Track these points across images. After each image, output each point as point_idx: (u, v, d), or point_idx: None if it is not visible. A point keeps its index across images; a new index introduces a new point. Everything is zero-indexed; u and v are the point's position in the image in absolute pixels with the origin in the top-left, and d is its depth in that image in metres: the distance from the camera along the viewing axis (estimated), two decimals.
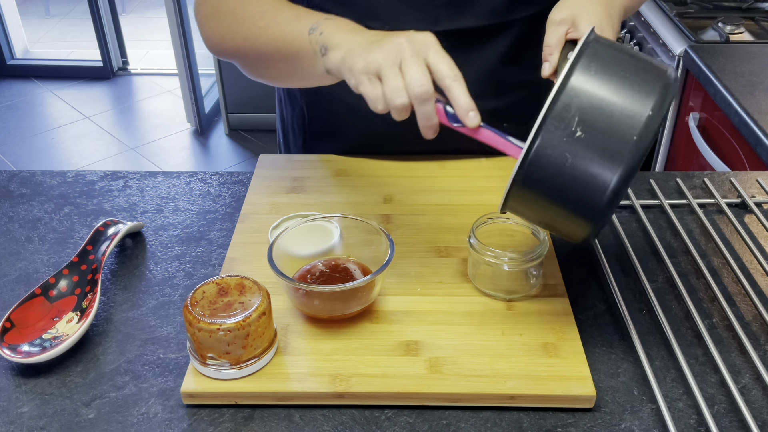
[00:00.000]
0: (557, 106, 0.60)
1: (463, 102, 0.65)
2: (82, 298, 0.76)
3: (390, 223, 0.89)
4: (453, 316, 0.75)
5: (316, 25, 0.74)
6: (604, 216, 0.61)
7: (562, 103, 0.59)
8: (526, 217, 0.68)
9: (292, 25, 0.77)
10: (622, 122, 0.59)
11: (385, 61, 0.65)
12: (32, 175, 1.01)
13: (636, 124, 0.59)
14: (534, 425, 0.65)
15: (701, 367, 0.71)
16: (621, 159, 0.58)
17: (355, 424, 0.65)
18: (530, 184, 0.62)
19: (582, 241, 0.65)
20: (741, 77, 1.52)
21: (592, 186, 0.60)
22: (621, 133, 0.59)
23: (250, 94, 3.06)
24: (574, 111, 0.59)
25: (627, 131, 0.59)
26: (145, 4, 4.71)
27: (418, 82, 0.64)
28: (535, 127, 0.60)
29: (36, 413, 0.66)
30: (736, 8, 1.89)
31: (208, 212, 0.94)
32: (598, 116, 0.59)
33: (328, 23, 0.74)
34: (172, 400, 0.68)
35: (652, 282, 0.81)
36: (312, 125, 1.05)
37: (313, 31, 0.74)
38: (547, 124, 0.59)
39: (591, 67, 0.61)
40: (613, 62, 0.62)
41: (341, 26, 0.73)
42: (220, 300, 0.67)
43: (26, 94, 3.56)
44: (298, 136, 1.08)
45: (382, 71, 0.65)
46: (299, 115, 1.06)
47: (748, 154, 1.43)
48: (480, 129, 0.67)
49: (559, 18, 0.75)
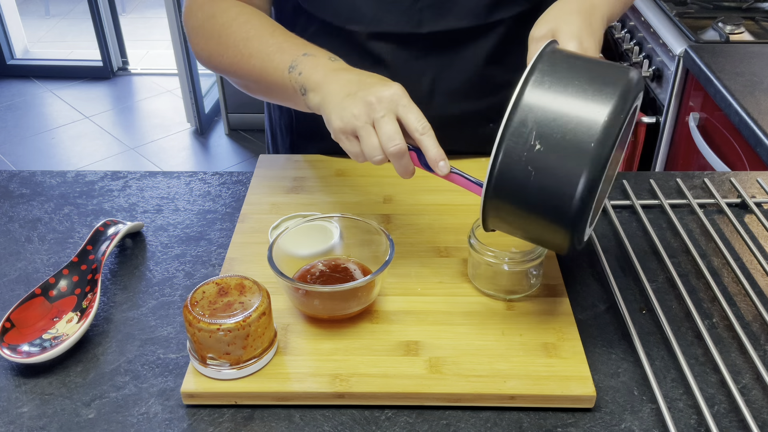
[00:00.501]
0: (513, 122, 0.61)
1: (432, 154, 0.69)
2: (82, 298, 0.76)
3: (390, 223, 0.89)
4: (453, 316, 0.75)
5: (295, 63, 0.78)
6: (578, 224, 0.62)
7: (518, 119, 0.61)
8: (511, 232, 0.69)
9: (273, 59, 0.80)
10: (579, 131, 0.60)
11: (358, 122, 0.70)
12: (32, 175, 1.01)
13: (593, 132, 0.59)
14: (534, 425, 0.65)
15: (701, 367, 0.71)
16: (581, 167, 0.59)
17: (355, 424, 0.65)
18: (501, 199, 0.64)
19: (568, 251, 0.66)
20: (741, 77, 1.51)
21: (559, 196, 0.61)
22: (578, 141, 0.60)
23: None
24: (530, 125, 0.61)
25: (584, 139, 0.59)
26: (145, 4, 4.71)
27: (392, 142, 0.68)
28: (495, 144, 0.61)
29: (36, 413, 0.66)
30: (736, 8, 1.89)
31: (208, 212, 0.94)
32: (555, 128, 0.60)
33: (307, 62, 0.77)
34: (172, 400, 0.68)
35: (652, 282, 0.81)
36: (298, 126, 1.05)
37: (292, 70, 0.78)
38: (506, 140, 0.61)
39: (545, 80, 0.62)
40: (569, 72, 0.63)
41: (319, 66, 0.76)
42: (220, 300, 0.67)
43: (26, 94, 3.56)
44: (285, 137, 1.08)
45: (358, 131, 0.70)
46: (286, 116, 1.06)
47: (748, 154, 1.43)
48: (451, 174, 0.71)
49: (539, 34, 0.75)
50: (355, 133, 0.71)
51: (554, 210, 0.62)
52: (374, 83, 0.72)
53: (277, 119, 1.09)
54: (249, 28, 0.83)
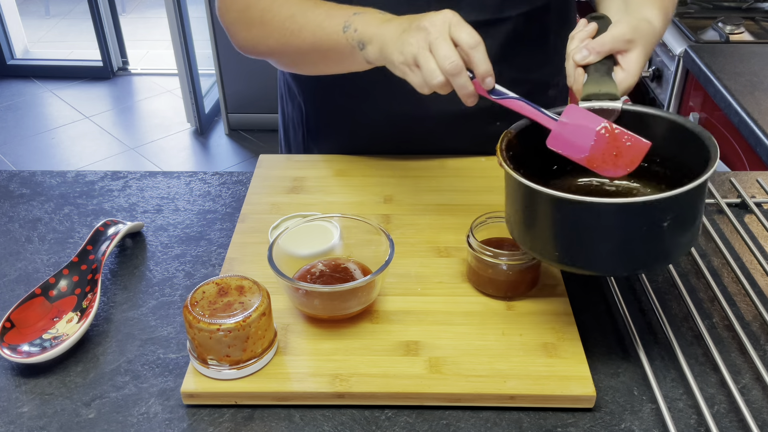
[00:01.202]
0: (684, 194, 0.62)
1: (479, 69, 0.71)
2: (82, 298, 0.76)
3: (390, 223, 0.89)
4: (453, 316, 0.75)
5: (348, 23, 0.79)
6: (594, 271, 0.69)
7: (680, 199, 0.62)
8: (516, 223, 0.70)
9: (326, 25, 0.81)
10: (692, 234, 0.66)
11: (417, 49, 0.71)
12: (32, 175, 1.01)
13: (693, 240, 0.67)
14: (534, 425, 0.65)
15: (701, 367, 0.71)
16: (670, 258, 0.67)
17: (355, 424, 0.65)
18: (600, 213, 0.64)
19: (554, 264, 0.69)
20: (741, 77, 1.51)
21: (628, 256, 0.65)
22: (685, 242, 0.66)
23: (250, 94, 3.06)
24: (675, 211, 0.63)
25: (688, 243, 0.66)
26: (145, 4, 4.71)
27: (447, 60, 0.70)
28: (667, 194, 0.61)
29: (36, 413, 0.66)
30: (736, 8, 1.89)
31: (208, 212, 0.94)
32: (684, 222, 0.64)
33: (359, 19, 0.79)
34: (172, 400, 0.68)
35: (652, 282, 0.81)
36: (309, 121, 1.05)
37: (347, 29, 0.79)
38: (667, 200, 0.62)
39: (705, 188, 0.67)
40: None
41: (371, 20, 0.78)
42: (220, 300, 0.67)
43: (26, 94, 3.56)
44: (297, 132, 1.09)
45: (417, 58, 0.71)
46: (298, 111, 1.07)
47: (748, 154, 1.43)
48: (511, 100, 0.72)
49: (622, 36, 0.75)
50: (416, 61, 0.72)
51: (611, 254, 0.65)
52: (426, 14, 0.73)
53: (290, 114, 1.10)
54: (290, 6, 0.85)
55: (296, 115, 1.08)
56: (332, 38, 0.81)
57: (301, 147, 1.09)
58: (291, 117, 1.09)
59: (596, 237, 0.64)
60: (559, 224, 0.65)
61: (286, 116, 1.11)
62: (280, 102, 1.13)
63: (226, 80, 3.03)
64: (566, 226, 0.65)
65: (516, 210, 0.69)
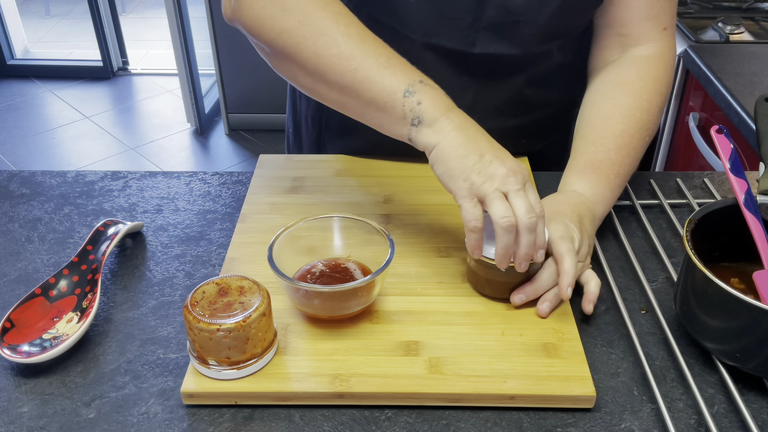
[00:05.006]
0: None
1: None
2: (82, 298, 0.76)
3: (390, 223, 0.89)
4: (453, 316, 0.75)
5: (413, 89, 0.73)
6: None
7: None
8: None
9: (386, 79, 0.73)
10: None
11: (491, 192, 0.69)
12: (32, 175, 1.01)
13: None
14: (534, 425, 0.65)
15: (701, 367, 0.71)
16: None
17: (355, 424, 0.65)
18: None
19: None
20: (741, 77, 1.52)
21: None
22: None
23: (250, 94, 3.07)
24: None
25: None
26: (145, 4, 4.71)
27: (527, 215, 0.69)
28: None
29: (36, 413, 0.66)
30: (736, 8, 1.89)
31: (208, 212, 0.94)
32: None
33: (426, 92, 0.73)
34: (172, 400, 0.68)
35: (652, 282, 0.81)
36: (330, 120, 1.04)
37: (409, 95, 0.73)
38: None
39: None
40: None
41: (439, 100, 0.73)
42: (220, 300, 0.67)
43: (26, 94, 3.56)
44: (311, 130, 1.07)
45: (488, 199, 0.70)
46: (315, 108, 1.05)
47: (748, 154, 1.43)
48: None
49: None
50: (483, 199, 0.70)
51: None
52: (501, 154, 0.71)
53: (303, 110, 1.07)
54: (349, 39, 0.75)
55: (311, 112, 1.05)
56: (387, 94, 0.73)
57: (314, 145, 1.07)
58: (305, 114, 1.07)
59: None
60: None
61: (298, 113, 1.09)
62: (291, 99, 1.11)
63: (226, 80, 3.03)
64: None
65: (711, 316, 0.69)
